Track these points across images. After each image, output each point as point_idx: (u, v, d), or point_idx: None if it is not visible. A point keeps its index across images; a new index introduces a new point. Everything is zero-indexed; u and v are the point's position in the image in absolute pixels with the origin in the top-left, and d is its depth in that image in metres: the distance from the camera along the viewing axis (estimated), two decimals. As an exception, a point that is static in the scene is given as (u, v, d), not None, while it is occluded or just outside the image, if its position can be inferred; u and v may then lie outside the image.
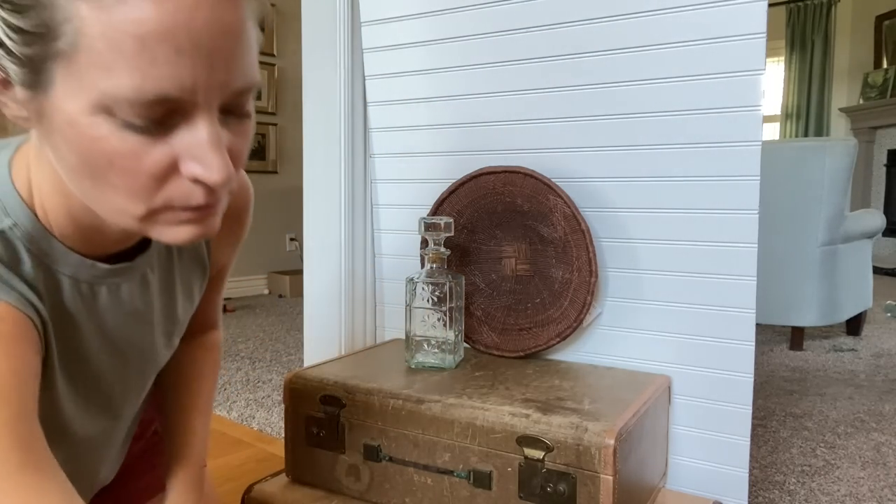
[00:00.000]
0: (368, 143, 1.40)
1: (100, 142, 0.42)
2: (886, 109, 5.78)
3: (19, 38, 0.40)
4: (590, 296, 1.07)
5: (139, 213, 0.46)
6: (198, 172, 0.44)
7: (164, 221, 0.47)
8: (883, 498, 1.43)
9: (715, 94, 1.02)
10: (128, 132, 0.42)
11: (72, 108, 0.42)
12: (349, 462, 0.99)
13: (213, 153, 0.44)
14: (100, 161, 0.43)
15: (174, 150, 0.44)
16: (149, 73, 0.40)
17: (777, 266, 2.65)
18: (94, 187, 0.45)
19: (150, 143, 0.43)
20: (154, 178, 0.44)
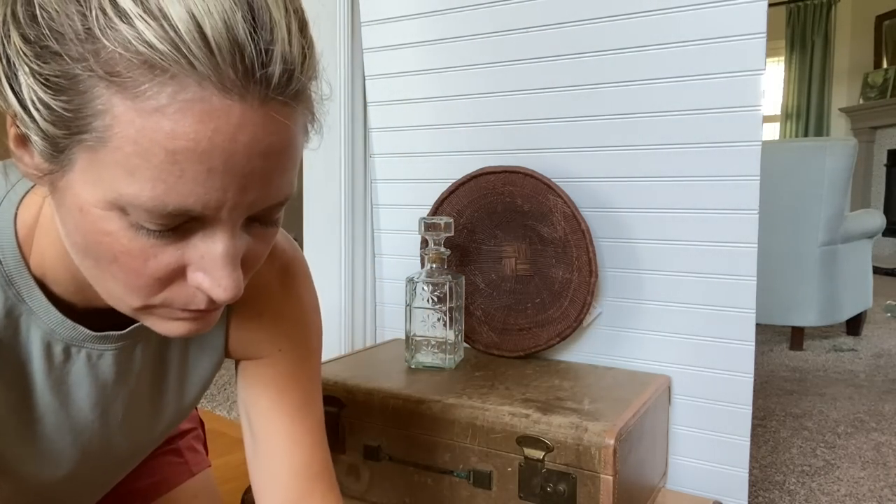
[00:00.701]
0: (368, 143, 1.40)
1: (109, 236, 0.40)
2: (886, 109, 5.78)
3: (47, 114, 0.38)
4: (590, 296, 1.07)
5: (135, 305, 0.44)
6: (205, 286, 0.42)
7: (159, 315, 0.45)
8: (883, 498, 1.43)
9: (715, 94, 1.02)
10: (139, 233, 0.40)
11: (86, 197, 0.39)
12: (349, 462, 0.99)
13: (225, 270, 0.41)
14: (104, 253, 0.41)
15: (184, 256, 0.42)
16: (173, 188, 0.37)
17: (777, 266, 2.65)
18: (95, 268, 0.43)
19: (161, 246, 0.41)
20: (157, 280, 0.42)
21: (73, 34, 0.36)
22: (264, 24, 0.37)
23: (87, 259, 0.43)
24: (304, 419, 0.64)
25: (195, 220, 0.40)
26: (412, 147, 1.32)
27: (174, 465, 0.87)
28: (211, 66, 0.36)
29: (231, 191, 0.39)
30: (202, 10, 0.35)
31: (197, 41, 0.35)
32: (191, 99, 0.36)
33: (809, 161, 2.53)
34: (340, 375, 1.03)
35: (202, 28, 0.35)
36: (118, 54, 0.35)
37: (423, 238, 1.19)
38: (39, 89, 0.38)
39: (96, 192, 0.39)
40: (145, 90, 0.36)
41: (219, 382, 2.33)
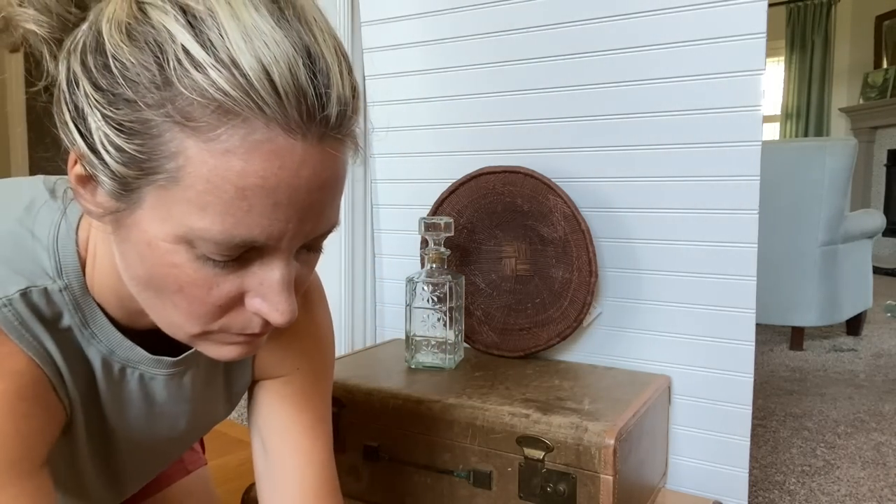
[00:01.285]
0: (368, 143, 1.40)
1: (175, 268, 0.43)
2: (886, 109, 5.78)
3: (119, 156, 0.40)
4: (590, 296, 1.07)
5: (194, 332, 0.47)
6: (263, 311, 0.45)
7: (214, 340, 0.48)
8: (883, 498, 1.43)
9: (715, 94, 1.02)
10: (205, 264, 0.43)
11: (155, 232, 0.42)
12: (349, 462, 0.99)
13: (282, 296, 0.45)
14: (170, 284, 0.44)
15: (243, 283, 0.45)
16: (241, 221, 0.41)
17: (777, 266, 2.65)
18: (155, 299, 0.46)
19: (223, 275, 0.44)
20: (219, 308, 0.45)
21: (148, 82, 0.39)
22: (322, 70, 0.40)
23: (148, 290, 0.46)
24: (317, 438, 0.66)
25: (255, 250, 0.43)
26: (412, 147, 1.32)
27: None
28: (279, 110, 0.39)
29: (293, 222, 0.42)
30: (270, 59, 0.38)
31: (266, 87, 0.38)
32: (259, 140, 0.39)
33: (809, 161, 2.53)
34: (340, 375, 1.03)
35: (270, 75, 0.38)
36: (195, 101, 0.38)
37: (423, 238, 1.19)
38: (112, 133, 0.40)
39: (165, 228, 0.42)
40: (219, 134, 0.38)
41: (219, 382, 2.33)
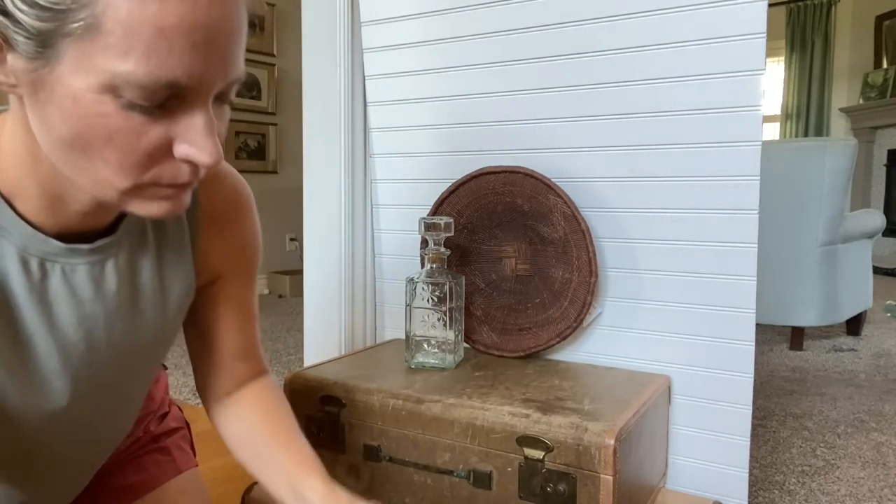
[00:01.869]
0: (368, 143, 1.40)
1: (103, 118, 0.44)
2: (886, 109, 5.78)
3: (33, 12, 0.41)
4: (590, 296, 1.07)
5: (125, 186, 0.48)
6: (192, 154, 0.48)
7: (144, 196, 0.50)
8: (883, 498, 1.43)
9: (715, 94, 1.02)
10: (131, 112, 0.45)
11: (78, 85, 0.44)
12: (349, 462, 0.99)
13: (209, 139, 0.47)
14: (99, 136, 0.45)
15: (170, 131, 0.47)
16: (164, 62, 0.43)
17: (777, 266, 2.65)
18: (83, 158, 0.47)
19: (150, 123, 0.46)
20: (148, 156, 0.47)
21: None
22: None
23: (74, 151, 0.47)
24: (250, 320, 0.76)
25: (177, 98, 0.46)
26: (412, 147, 1.32)
27: (162, 463, 0.87)
28: None
29: (209, 63, 0.45)
30: None
31: None
32: None
33: (809, 161, 2.53)
34: (340, 375, 1.03)
35: None
36: None
37: (423, 238, 1.19)
38: None
39: (89, 79, 0.43)
40: None
41: (219, 382, 2.33)
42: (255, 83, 4.20)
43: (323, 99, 1.40)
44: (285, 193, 4.44)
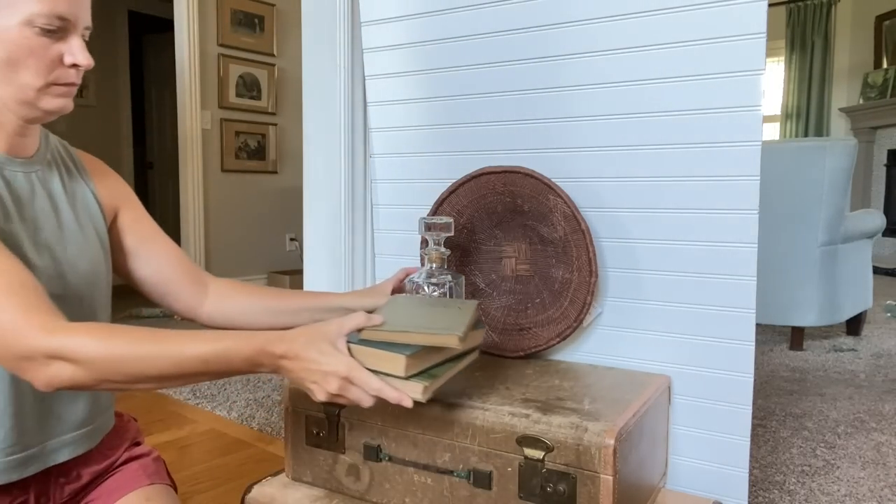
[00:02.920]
0: (368, 143, 1.40)
1: (26, 41, 0.76)
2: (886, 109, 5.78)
3: None
4: (590, 296, 1.07)
5: (39, 84, 0.78)
6: (78, 60, 0.79)
7: (51, 94, 0.79)
8: (883, 498, 1.43)
9: (715, 94, 1.02)
10: (41, 36, 0.76)
11: (9, 22, 0.75)
12: (349, 462, 0.99)
13: (84, 52, 0.80)
14: (23, 52, 0.76)
15: (62, 49, 0.78)
16: (57, 4, 0.76)
17: (777, 266, 2.65)
18: (12, 71, 0.77)
19: (51, 43, 0.77)
20: (52, 62, 0.78)
21: None
22: None
23: (7, 67, 0.76)
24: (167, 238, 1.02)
25: (63, 29, 0.78)
26: (412, 147, 1.32)
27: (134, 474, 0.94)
28: None
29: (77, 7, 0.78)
30: None
31: None
32: None
33: (809, 161, 2.53)
34: (340, 375, 1.03)
35: None
36: None
37: (423, 238, 1.19)
38: None
39: (16, 18, 0.75)
40: None
41: (218, 383, 2.33)
42: (255, 83, 4.20)
43: (323, 99, 1.40)
44: (285, 193, 4.44)
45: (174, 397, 2.19)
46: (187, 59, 3.83)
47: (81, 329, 0.68)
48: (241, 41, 4.10)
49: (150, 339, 0.70)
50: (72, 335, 0.67)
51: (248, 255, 4.24)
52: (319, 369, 0.73)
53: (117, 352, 0.68)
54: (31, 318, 0.67)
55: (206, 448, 1.77)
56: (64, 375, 0.67)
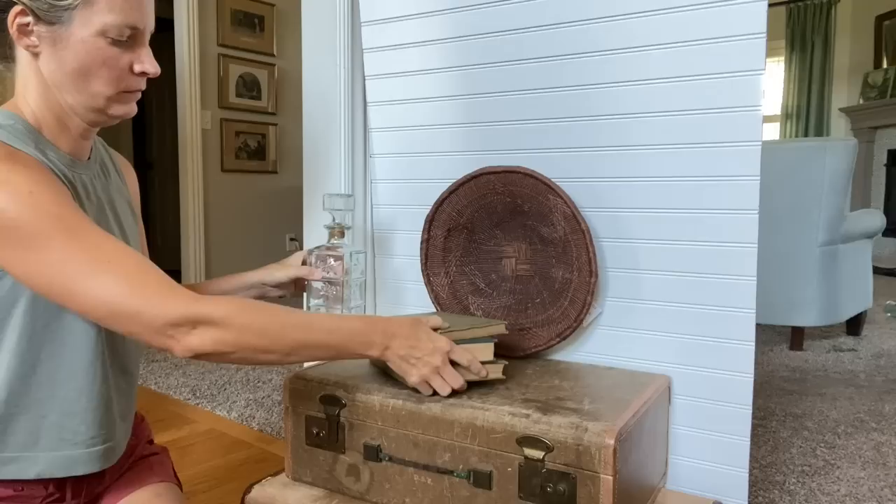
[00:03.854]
0: (368, 143, 1.40)
1: (100, 51, 0.78)
2: (886, 109, 5.78)
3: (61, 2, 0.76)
4: (590, 296, 1.07)
5: (110, 93, 0.81)
6: (147, 69, 0.82)
7: (119, 101, 0.83)
8: (883, 498, 1.43)
9: (715, 94, 1.02)
10: (113, 46, 0.79)
11: (84, 34, 0.77)
12: (349, 462, 0.99)
13: (152, 60, 0.83)
14: (97, 62, 0.79)
15: (132, 58, 0.81)
16: (129, 14, 0.79)
17: (777, 266, 2.65)
18: (85, 80, 0.79)
19: (122, 52, 0.80)
20: (122, 71, 0.81)
21: None
22: None
23: (79, 76, 0.79)
24: None
25: (133, 38, 0.80)
26: (412, 147, 1.32)
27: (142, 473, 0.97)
28: None
29: (146, 15, 0.81)
30: None
31: None
32: None
33: (809, 161, 2.53)
34: (340, 375, 1.03)
35: None
36: None
37: None
38: None
39: (89, 28, 0.77)
40: None
41: (218, 383, 2.33)
42: (255, 83, 4.20)
43: (323, 99, 1.40)
44: (285, 193, 4.44)
45: (174, 397, 2.19)
46: (187, 59, 3.83)
47: (224, 298, 0.76)
48: (241, 41, 4.10)
49: (284, 311, 0.79)
50: (217, 302, 0.75)
51: (247, 255, 4.24)
52: (427, 345, 0.88)
53: (259, 317, 0.76)
54: (174, 289, 0.73)
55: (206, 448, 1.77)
56: (207, 341, 0.74)
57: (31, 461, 0.79)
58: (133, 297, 0.71)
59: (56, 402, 0.80)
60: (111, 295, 0.71)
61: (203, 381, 2.35)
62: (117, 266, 0.72)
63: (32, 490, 0.80)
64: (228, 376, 2.41)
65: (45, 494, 0.82)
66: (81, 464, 0.82)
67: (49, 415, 0.80)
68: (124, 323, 0.72)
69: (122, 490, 0.92)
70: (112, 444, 0.86)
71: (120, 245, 0.74)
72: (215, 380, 2.37)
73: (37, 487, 0.81)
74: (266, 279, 1.09)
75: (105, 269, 0.71)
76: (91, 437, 0.83)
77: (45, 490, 0.82)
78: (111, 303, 0.71)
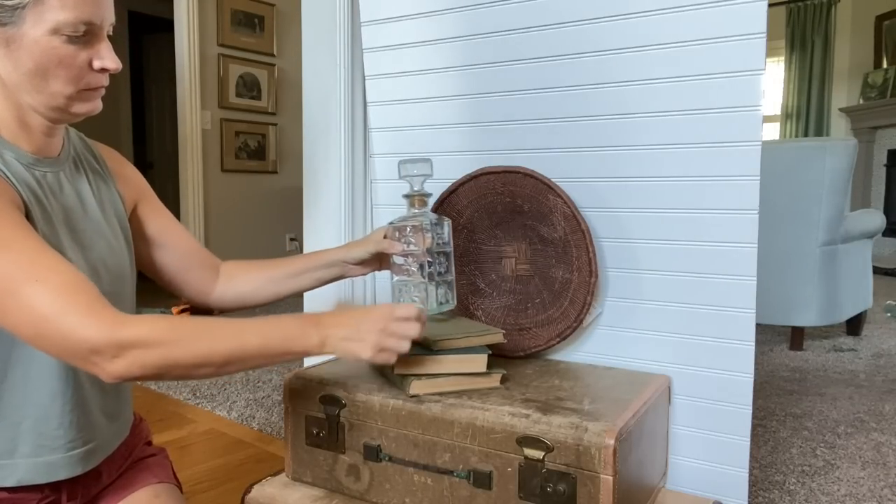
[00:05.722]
0: (368, 143, 1.40)
1: (55, 50, 0.75)
2: (886, 109, 5.78)
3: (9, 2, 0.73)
4: (590, 296, 1.07)
5: (69, 92, 0.78)
6: (107, 64, 0.79)
7: (80, 98, 0.80)
8: (883, 498, 1.43)
9: (715, 94, 1.02)
10: (69, 44, 0.76)
11: (37, 33, 0.74)
12: (349, 462, 0.99)
13: (112, 55, 0.80)
14: (53, 61, 0.76)
15: (90, 55, 0.78)
16: (83, 10, 0.75)
17: (777, 266, 2.65)
18: (43, 80, 0.77)
19: (79, 49, 0.77)
20: (80, 69, 0.78)
21: None
22: None
23: (37, 77, 0.76)
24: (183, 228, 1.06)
25: (90, 33, 0.77)
26: (412, 147, 1.32)
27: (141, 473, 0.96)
28: None
29: (103, 9, 0.78)
30: None
31: None
32: None
33: (809, 161, 2.53)
34: (340, 375, 1.03)
35: None
36: None
37: None
38: None
39: (42, 27, 0.74)
40: None
41: (218, 382, 2.33)
42: (255, 83, 4.20)
43: (323, 99, 1.40)
44: (285, 193, 4.44)
45: (174, 397, 2.19)
46: (187, 59, 3.83)
47: (147, 318, 0.72)
48: (241, 41, 4.10)
49: (212, 322, 0.75)
50: (140, 323, 0.70)
51: (247, 255, 4.22)
52: (363, 318, 0.82)
53: (185, 333, 0.72)
54: (98, 312, 0.69)
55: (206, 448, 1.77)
56: (133, 366, 0.70)
57: (11, 468, 0.78)
58: (57, 320, 0.67)
59: (30, 408, 0.79)
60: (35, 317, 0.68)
61: (203, 381, 2.35)
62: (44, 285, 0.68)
63: (26, 493, 0.80)
64: (228, 376, 2.41)
65: (41, 497, 0.81)
66: (62, 468, 0.81)
67: (24, 420, 0.79)
68: (49, 347, 0.69)
69: (121, 491, 0.92)
70: (93, 445, 0.85)
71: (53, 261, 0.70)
72: (215, 380, 2.37)
73: (31, 491, 0.80)
74: (346, 257, 1.06)
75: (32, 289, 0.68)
76: (69, 441, 0.81)
77: (41, 493, 0.81)
78: (36, 325, 0.68)
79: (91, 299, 0.70)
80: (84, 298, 0.69)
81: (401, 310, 0.84)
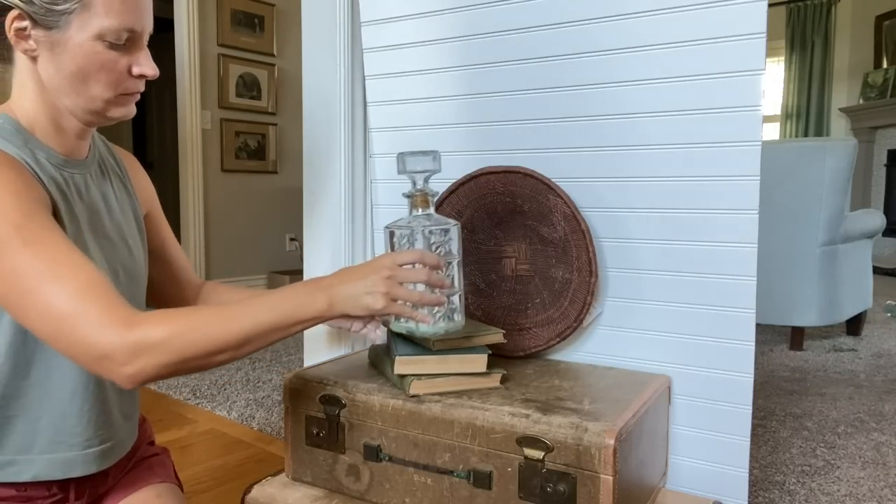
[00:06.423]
0: (368, 143, 1.40)
1: (97, 55, 0.78)
2: (886, 109, 5.78)
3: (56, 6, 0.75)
4: (590, 296, 1.07)
5: (108, 96, 0.81)
6: (145, 71, 0.82)
7: (117, 103, 0.82)
8: (883, 498, 1.43)
9: (715, 94, 1.02)
10: (111, 50, 0.79)
11: (81, 38, 0.77)
12: (349, 462, 0.99)
13: (150, 62, 0.83)
14: (94, 66, 0.78)
15: (130, 60, 0.81)
16: (125, 17, 0.78)
17: (777, 266, 2.65)
18: (83, 84, 0.79)
19: (120, 56, 0.80)
20: (120, 75, 0.81)
21: None
22: None
23: (77, 80, 0.79)
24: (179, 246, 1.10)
25: (131, 40, 0.80)
26: (412, 147, 1.32)
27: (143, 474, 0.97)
28: None
29: (144, 18, 0.80)
30: None
31: None
32: None
33: (809, 161, 2.53)
34: (340, 375, 1.03)
35: None
36: None
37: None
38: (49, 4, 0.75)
39: (86, 32, 0.77)
40: None
41: (218, 382, 2.33)
42: (255, 83, 4.20)
43: (323, 99, 1.40)
44: (285, 193, 4.44)
45: (174, 397, 2.19)
46: (187, 59, 3.83)
47: (157, 313, 0.71)
48: (241, 41, 4.10)
49: (222, 307, 0.75)
50: (152, 321, 0.70)
51: (248, 256, 4.24)
52: (367, 271, 0.82)
53: (198, 323, 0.72)
54: (112, 314, 0.69)
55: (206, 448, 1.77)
56: (148, 367, 0.69)
57: (28, 464, 0.79)
58: (73, 322, 0.67)
59: (49, 404, 0.80)
60: (52, 316, 0.68)
61: (203, 381, 2.35)
62: (65, 284, 0.68)
63: (35, 491, 0.80)
64: (228, 376, 2.41)
65: (48, 495, 0.82)
66: (78, 465, 0.82)
67: (43, 417, 0.80)
68: (64, 349, 0.69)
69: (124, 490, 0.92)
70: (112, 443, 0.86)
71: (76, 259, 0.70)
72: (215, 380, 2.37)
73: (39, 488, 0.81)
74: None
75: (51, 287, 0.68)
76: (87, 439, 0.83)
77: (48, 491, 0.82)
78: (52, 324, 0.68)
79: (108, 300, 0.69)
80: (101, 301, 0.69)
81: (403, 255, 0.84)
